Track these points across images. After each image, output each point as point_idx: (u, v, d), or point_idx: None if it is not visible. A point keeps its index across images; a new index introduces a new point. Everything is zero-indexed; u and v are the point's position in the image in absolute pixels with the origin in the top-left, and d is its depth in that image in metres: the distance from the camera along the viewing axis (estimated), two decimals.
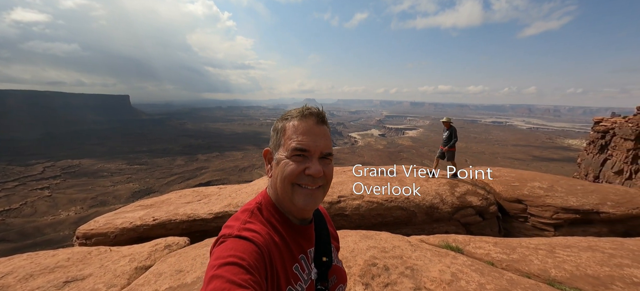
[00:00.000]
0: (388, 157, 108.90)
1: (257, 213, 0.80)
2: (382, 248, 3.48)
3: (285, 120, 0.82)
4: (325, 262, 0.87)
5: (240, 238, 0.69)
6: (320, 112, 0.82)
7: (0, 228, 55.44)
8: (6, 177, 79.93)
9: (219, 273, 0.59)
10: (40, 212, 64.07)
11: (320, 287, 0.83)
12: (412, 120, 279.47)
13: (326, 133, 0.82)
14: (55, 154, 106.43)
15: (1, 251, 42.85)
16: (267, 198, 0.84)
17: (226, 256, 0.63)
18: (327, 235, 0.95)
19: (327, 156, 0.80)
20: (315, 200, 0.78)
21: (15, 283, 2.94)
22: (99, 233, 5.18)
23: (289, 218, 0.82)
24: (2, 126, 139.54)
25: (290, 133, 0.78)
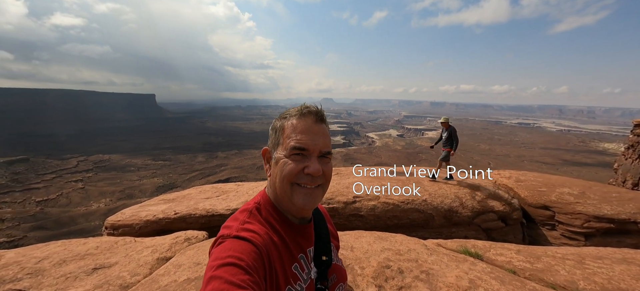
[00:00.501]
0: (406, 158, 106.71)
1: (256, 213, 0.79)
2: (397, 251, 3.42)
3: (284, 118, 0.81)
4: (325, 261, 0.86)
5: (239, 239, 0.68)
6: (319, 110, 0.82)
7: (39, 216, 60.09)
8: (45, 169, 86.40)
9: (218, 274, 0.59)
10: (74, 203, 68.75)
11: (320, 286, 0.82)
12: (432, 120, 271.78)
13: (325, 132, 0.81)
14: (87, 149, 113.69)
15: (39, 238, 46.45)
16: (265, 198, 0.83)
17: (224, 257, 0.63)
18: (327, 234, 0.94)
19: (326, 155, 0.80)
20: (314, 199, 0.78)
21: (50, 268, 3.18)
22: (125, 224, 5.47)
23: (288, 217, 0.82)
24: (41, 122, 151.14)
25: (289, 132, 0.78)
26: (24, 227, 55.25)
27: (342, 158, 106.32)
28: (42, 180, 78.72)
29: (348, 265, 3.00)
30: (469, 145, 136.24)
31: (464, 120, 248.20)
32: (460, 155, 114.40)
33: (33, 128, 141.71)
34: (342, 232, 4.19)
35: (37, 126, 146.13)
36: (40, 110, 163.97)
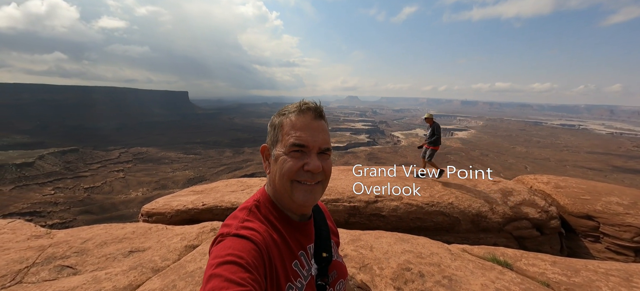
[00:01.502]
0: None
1: (255, 211, 0.78)
2: (418, 253, 3.32)
3: (283, 115, 0.80)
4: (325, 258, 0.85)
5: (238, 237, 0.68)
6: (318, 106, 0.81)
7: (87, 201, 66.36)
8: (92, 159, 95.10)
9: (217, 272, 0.59)
10: (115, 191, 74.99)
11: (320, 283, 0.82)
12: (462, 120, 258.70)
13: (324, 128, 0.80)
14: (128, 142, 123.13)
15: (86, 221, 51.23)
16: (265, 196, 0.83)
17: (224, 255, 0.62)
18: (327, 230, 0.93)
19: (326, 151, 0.79)
20: (314, 195, 0.77)
21: (93, 248, 3.51)
22: (158, 212, 5.87)
23: (287, 214, 0.81)
24: (89, 117, 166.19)
25: (287, 128, 0.77)
26: (74, 211, 61.39)
27: (366, 157, 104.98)
28: (89, 168, 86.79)
29: (366, 265, 2.97)
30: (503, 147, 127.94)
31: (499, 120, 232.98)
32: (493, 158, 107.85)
33: (82, 122, 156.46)
34: (362, 231, 4.16)
35: (85, 120, 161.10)
36: (88, 106, 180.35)
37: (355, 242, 3.56)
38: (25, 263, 3.07)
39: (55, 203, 64.34)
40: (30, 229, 4.43)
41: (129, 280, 2.74)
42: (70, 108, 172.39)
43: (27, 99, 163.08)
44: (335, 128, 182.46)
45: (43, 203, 63.37)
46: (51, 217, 57.30)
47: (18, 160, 78.86)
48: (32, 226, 4.63)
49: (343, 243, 3.52)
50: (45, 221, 51.38)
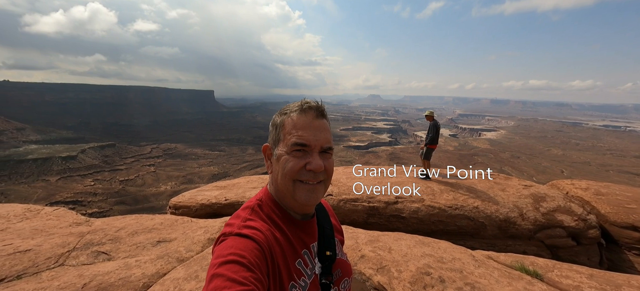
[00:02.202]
0: (459, 160, 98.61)
1: (258, 210, 0.78)
2: (439, 258, 3.21)
3: (284, 114, 0.79)
4: (329, 256, 0.85)
5: (241, 236, 0.68)
6: (320, 105, 0.80)
7: (122, 193, 71.24)
8: (126, 154, 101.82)
9: (220, 272, 0.59)
10: (147, 184, 79.80)
11: (324, 281, 0.81)
12: (491, 120, 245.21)
13: (326, 127, 0.79)
14: (159, 138, 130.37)
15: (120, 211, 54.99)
16: (267, 195, 0.83)
17: (226, 255, 0.62)
18: (331, 228, 0.92)
19: (328, 150, 0.78)
20: (316, 195, 0.77)
21: (125, 237, 3.77)
22: (184, 205, 6.16)
23: (290, 213, 0.81)
24: (124, 114, 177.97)
25: (289, 128, 0.76)
26: (110, 201, 66.19)
27: (388, 156, 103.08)
28: (124, 162, 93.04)
29: (384, 266, 2.92)
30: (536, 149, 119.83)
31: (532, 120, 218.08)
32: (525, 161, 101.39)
33: (119, 119, 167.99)
34: (381, 232, 4.09)
35: (121, 117, 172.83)
36: (124, 104, 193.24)
37: (373, 243, 3.52)
38: (67, 247, 3.37)
39: (95, 193, 69.78)
40: (72, 217, 4.84)
41: (156, 268, 2.91)
42: (108, 106, 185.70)
43: (71, 98, 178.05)
44: (356, 128, 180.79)
45: (84, 193, 68.98)
46: (90, 206, 62.22)
47: (63, 154, 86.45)
48: (74, 214, 5.05)
49: (361, 244, 3.49)
50: (85, 210, 55.88)
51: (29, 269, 2.83)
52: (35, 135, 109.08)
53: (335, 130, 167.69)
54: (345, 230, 4.24)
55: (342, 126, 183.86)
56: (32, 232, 3.87)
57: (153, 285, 2.61)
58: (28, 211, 4.89)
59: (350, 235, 3.89)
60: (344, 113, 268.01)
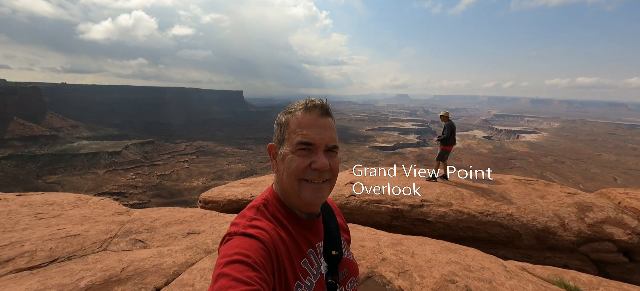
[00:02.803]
0: (493, 164, 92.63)
1: (263, 210, 0.78)
2: (466, 266, 3.05)
3: (289, 113, 0.79)
4: (335, 256, 0.83)
5: (246, 236, 0.68)
6: (325, 103, 0.79)
7: (159, 187, 76.56)
8: (164, 150, 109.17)
9: (225, 271, 0.59)
10: (181, 179, 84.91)
11: (330, 281, 0.80)
12: (531, 121, 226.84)
13: (331, 126, 0.78)
14: (192, 136, 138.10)
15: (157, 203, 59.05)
16: (273, 194, 0.82)
17: (232, 254, 0.63)
18: (337, 227, 0.91)
19: (333, 149, 0.77)
20: (322, 194, 0.76)
21: (159, 227, 4.06)
22: (213, 200, 6.47)
23: (295, 213, 0.81)
24: (162, 113, 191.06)
25: (294, 127, 0.76)
26: (149, 194, 71.39)
27: (415, 158, 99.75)
28: (161, 158, 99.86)
29: (406, 271, 2.84)
30: (584, 154, 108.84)
31: (580, 122, 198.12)
32: (571, 166, 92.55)
33: (157, 118, 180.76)
34: (404, 236, 3.98)
35: (159, 116, 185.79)
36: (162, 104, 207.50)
37: (395, 246, 3.43)
38: (110, 234, 3.69)
39: (135, 186, 75.72)
40: (115, 207, 5.30)
41: (185, 257, 3.09)
42: (148, 106, 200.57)
43: (117, 98, 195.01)
44: (383, 128, 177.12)
45: (126, 186, 75.15)
46: (132, 198, 67.58)
47: (110, 149, 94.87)
48: (116, 204, 5.53)
49: (382, 246, 3.42)
50: (127, 201, 60.83)
51: (77, 252, 3.16)
52: (87, 132, 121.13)
53: (361, 131, 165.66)
54: (367, 231, 4.18)
55: (367, 126, 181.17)
56: (81, 219, 4.30)
57: (182, 274, 2.78)
58: (79, 200, 5.44)
59: (372, 236, 3.83)
60: (370, 113, 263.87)
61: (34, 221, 4.03)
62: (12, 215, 4.14)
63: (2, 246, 3.05)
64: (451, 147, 6.69)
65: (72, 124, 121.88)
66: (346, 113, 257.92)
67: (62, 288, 2.35)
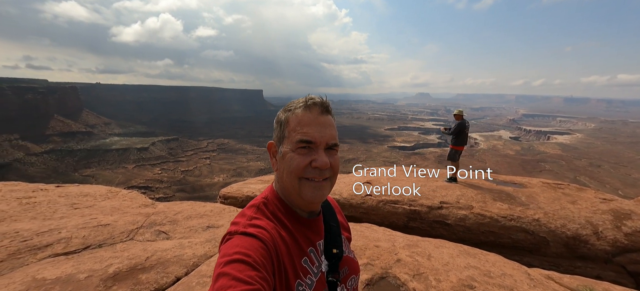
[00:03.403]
0: (521, 166, 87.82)
1: (263, 209, 0.78)
2: (485, 271, 2.94)
3: (288, 111, 0.78)
4: (336, 254, 0.83)
5: (246, 235, 0.68)
6: (325, 101, 0.78)
7: (182, 182, 79.95)
8: (187, 147, 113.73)
9: (225, 271, 0.59)
10: (203, 175, 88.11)
11: (331, 279, 0.80)
12: (564, 121, 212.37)
13: (331, 123, 0.78)
14: (214, 134, 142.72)
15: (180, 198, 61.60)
16: (273, 193, 0.82)
17: (232, 254, 0.62)
18: (337, 226, 0.90)
19: (333, 147, 0.77)
20: (322, 192, 0.76)
21: (181, 220, 4.25)
22: (231, 196, 6.67)
23: (296, 211, 0.80)
24: (186, 112, 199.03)
25: (294, 125, 0.76)
26: (173, 188, 74.75)
27: (436, 159, 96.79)
28: (185, 155, 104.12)
29: (421, 274, 2.78)
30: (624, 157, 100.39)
31: (620, 123, 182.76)
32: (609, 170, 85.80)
33: (181, 116, 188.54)
34: (421, 238, 3.90)
35: (183, 114, 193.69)
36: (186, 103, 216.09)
37: (411, 248, 3.37)
38: (136, 225, 3.92)
39: (161, 181, 79.60)
40: (142, 199, 5.60)
41: (204, 250, 3.22)
42: (173, 104, 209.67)
43: (145, 97, 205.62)
44: (402, 127, 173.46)
45: (153, 180, 79.17)
46: (157, 192, 71.08)
47: (138, 145, 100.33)
48: (143, 197, 5.85)
49: (398, 247, 3.37)
50: (153, 195, 64.08)
51: (107, 240, 3.38)
52: (118, 129, 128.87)
53: (379, 130, 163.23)
54: (383, 232, 4.13)
55: (386, 126, 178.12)
56: (111, 210, 4.60)
57: (201, 265, 2.89)
58: (110, 192, 5.81)
59: (387, 237, 3.78)
60: (389, 112, 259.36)
61: (70, 210, 4.36)
62: (51, 204, 4.50)
63: (42, 233, 3.33)
64: (462, 147, 6.51)
65: (105, 121, 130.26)
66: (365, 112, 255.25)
67: (92, 273, 2.54)
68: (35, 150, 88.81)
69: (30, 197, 4.69)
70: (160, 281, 2.58)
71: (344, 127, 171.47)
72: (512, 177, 7.18)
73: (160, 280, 2.59)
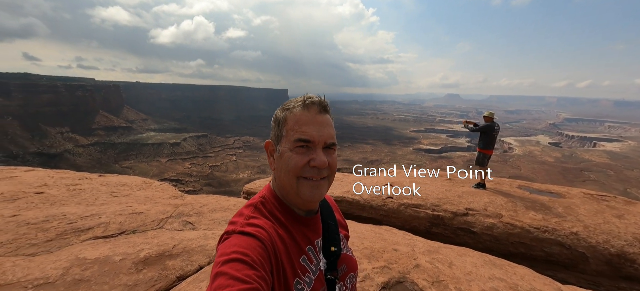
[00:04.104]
0: (561, 175, 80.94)
1: (261, 208, 0.78)
2: (512, 285, 2.76)
3: (286, 110, 0.78)
4: (334, 252, 0.83)
5: (244, 234, 0.68)
6: (323, 100, 0.78)
7: (210, 176, 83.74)
8: (215, 143, 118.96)
9: (223, 270, 0.59)
10: (229, 170, 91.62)
11: (329, 277, 0.80)
12: (614, 127, 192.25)
13: (329, 122, 0.78)
14: (240, 131, 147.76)
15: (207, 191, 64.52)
16: (271, 192, 0.82)
17: (229, 253, 0.62)
18: (335, 224, 0.90)
19: (331, 146, 0.77)
20: (320, 191, 0.76)
21: (206, 212, 4.47)
22: (254, 192, 6.88)
23: (293, 210, 0.80)
24: (215, 110, 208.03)
25: (292, 124, 0.75)
26: (201, 182, 78.60)
27: (465, 163, 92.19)
28: (213, 151, 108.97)
29: (441, 281, 2.68)
30: None
31: None
32: None
33: (211, 114, 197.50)
34: (443, 244, 3.76)
35: (213, 112, 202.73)
36: (215, 101, 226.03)
37: (431, 254, 3.26)
38: (166, 214, 4.19)
39: (191, 174, 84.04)
40: (172, 191, 5.96)
41: None
42: (203, 103, 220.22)
43: (179, 96, 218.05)
44: (429, 130, 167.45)
45: (183, 174, 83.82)
46: (187, 185, 75.13)
47: (171, 140, 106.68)
48: (173, 189, 6.22)
49: (417, 252, 3.28)
50: (183, 188, 67.77)
51: (140, 227, 3.65)
52: (154, 125, 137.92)
53: (405, 132, 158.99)
54: (403, 235, 4.04)
55: (412, 127, 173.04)
56: (144, 199, 4.95)
57: None
58: (144, 183, 6.25)
59: (407, 241, 3.69)
60: (416, 113, 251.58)
61: (110, 198, 4.76)
62: (94, 191, 4.95)
63: (85, 217, 3.68)
64: (491, 150, 6.20)
65: (142, 117, 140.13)
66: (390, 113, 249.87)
67: (126, 256, 2.76)
68: (82, 142, 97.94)
69: (76, 184, 5.19)
70: (185, 268, 2.74)
71: (368, 128, 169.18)
72: (548, 186, 6.67)
73: (185, 267, 2.75)
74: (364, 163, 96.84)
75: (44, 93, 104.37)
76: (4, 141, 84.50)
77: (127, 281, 2.42)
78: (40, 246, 2.91)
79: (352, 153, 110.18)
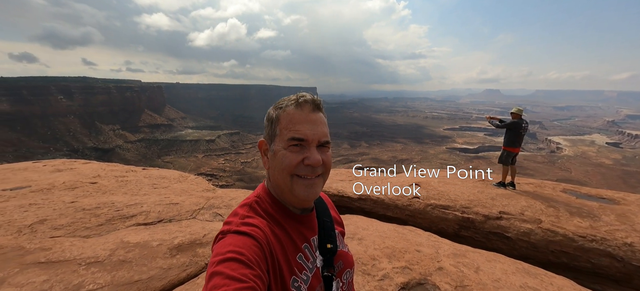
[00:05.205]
0: (620, 179, 71.74)
1: (256, 207, 0.78)
2: None
3: (279, 108, 0.78)
4: (330, 249, 0.84)
5: (239, 234, 0.68)
6: (316, 99, 0.79)
7: (242, 172, 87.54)
8: (247, 141, 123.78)
9: (219, 270, 0.59)
10: (260, 167, 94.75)
11: (326, 274, 0.80)
12: None
13: (323, 121, 0.78)
14: None
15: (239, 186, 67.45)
16: (265, 191, 0.82)
17: (225, 252, 0.62)
18: (330, 221, 0.90)
19: (325, 144, 0.77)
20: (315, 189, 0.76)
21: (234, 205, 4.66)
22: None
23: (289, 208, 0.81)
24: (246, 108, 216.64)
25: (285, 122, 0.75)
26: (234, 177, 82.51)
27: None
28: (245, 147, 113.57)
29: (465, 286, 2.57)
30: None
31: None
32: None
33: (243, 112, 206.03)
34: (470, 248, 3.58)
35: (244, 110, 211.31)
36: (247, 99, 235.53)
37: (456, 257, 3.13)
38: (199, 206, 4.50)
39: (224, 170, 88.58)
40: (205, 184, 6.37)
41: None
42: (236, 101, 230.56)
43: (214, 95, 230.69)
44: (465, 128, 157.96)
45: (217, 169, 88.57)
46: (221, 180, 79.29)
47: (207, 137, 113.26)
48: (206, 183, 6.64)
49: (441, 255, 3.17)
50: (217, 182, 71.61)
51: (175, 217, 3.97)
52: (192, 123, 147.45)
53: (437, 130, 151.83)
54: (427, 237, 3.92)
55: (446, 125, 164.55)
56: (181, 191, 5.36)
57: None
58: (181, 176, 6.76)
59: (432, 243, 3.57)
60: (450, 110, 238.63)
61: (151, 189, 5.23)
62: (138, 183, 5.47)
63: (130, 205, 4.09)
64: (516, 148, 5.81)
65: (182, 116, 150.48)
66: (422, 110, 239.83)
67: (162, 242, 3.03)
68: (130, 139, 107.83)
69: (123, 176, 5.77)
70: None
71: (397, 126, 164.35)
72: (599, 191, 5.99)
73: None
74: (393, 161, 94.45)
75: (99, 94, 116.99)
76: (67, 137, 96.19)
77: (162, 265, 2.66)
78: (93, 229, 3.30)
79: (381, 152, 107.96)
